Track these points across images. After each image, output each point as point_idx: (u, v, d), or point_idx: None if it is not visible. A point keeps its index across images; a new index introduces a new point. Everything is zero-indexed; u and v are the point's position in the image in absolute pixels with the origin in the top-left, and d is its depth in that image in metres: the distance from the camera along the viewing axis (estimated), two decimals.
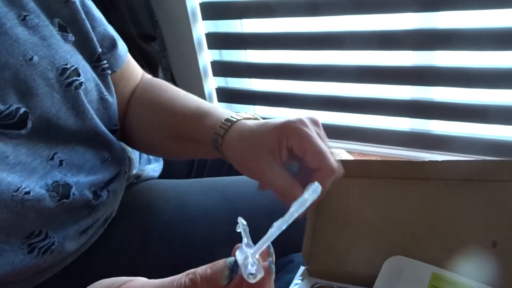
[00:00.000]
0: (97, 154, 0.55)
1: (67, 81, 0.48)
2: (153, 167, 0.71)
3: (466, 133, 1.38)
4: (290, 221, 0.30)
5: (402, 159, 0.48)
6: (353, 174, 0.46)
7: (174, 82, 1.74)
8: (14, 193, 0.43)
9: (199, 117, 0.53)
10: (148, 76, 0.68)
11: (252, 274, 0.26)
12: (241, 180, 0.66)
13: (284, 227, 0.30)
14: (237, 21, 1.63)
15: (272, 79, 1.64)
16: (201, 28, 1.65)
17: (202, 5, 1.58)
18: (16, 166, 0.44)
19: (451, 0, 1.19)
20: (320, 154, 0.42)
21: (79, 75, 0.50)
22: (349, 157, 1.53)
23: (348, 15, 1.36)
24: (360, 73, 1.43)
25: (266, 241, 0.29)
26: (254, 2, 1.48)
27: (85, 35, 0.52)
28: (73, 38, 0.51)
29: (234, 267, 0.27)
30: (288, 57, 1.58)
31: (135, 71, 0.65)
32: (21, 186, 0.43)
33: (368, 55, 1.43)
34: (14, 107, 0.44)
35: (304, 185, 0.36)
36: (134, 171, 0.66)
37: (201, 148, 0.54)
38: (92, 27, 0.54)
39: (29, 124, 0.46)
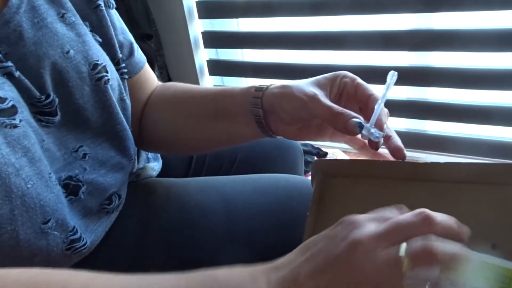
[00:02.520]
0: (124, 152, 0.57)
1: (97, 75, 0.51)
2: (152, 166, 0.72)
3: (462, 134, 1.39)
4: (384, 100, 0.47)
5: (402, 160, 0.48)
6: (354, 173, 0.46)
7: (170, 81, 1.74)
8: (50, 175, 0.45)
9: (230, 90, 0.58)
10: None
11: (376, 136, 0.44)
12: (239, 179, 0.67)
13: (382, 105, 0.47)
14: (234, 20, 1.63)
15: (268, 78, 1.64)
16: (197, 27, 1.64)
17: (198, 4, 1.58)
18: (46, 152, 0.46)
19: (447, 1, 1.20)
20: (369, 88, 0.52)
21: (107, 72, 0.53)
22: (345, 157, 1.53)
23: (344, 15, 1.37)
24: (356, 73, 1.42)
25: (375, 115, 0.46)
26: (251, 1, 1.48)
27: (109, 41, 0.56)
28: (100, 40, 0.55)
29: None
30: (284, 56, 1.58)
31: (150, 77, 0.68)
32: (50, 172, 0.45)
33: (364, 55, 1.43)
34: (52, 95, 0.47)
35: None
36: (133, 169, 0.66)
37: (234, 121, 0.56)
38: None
39: (59, 112, 0.48)
